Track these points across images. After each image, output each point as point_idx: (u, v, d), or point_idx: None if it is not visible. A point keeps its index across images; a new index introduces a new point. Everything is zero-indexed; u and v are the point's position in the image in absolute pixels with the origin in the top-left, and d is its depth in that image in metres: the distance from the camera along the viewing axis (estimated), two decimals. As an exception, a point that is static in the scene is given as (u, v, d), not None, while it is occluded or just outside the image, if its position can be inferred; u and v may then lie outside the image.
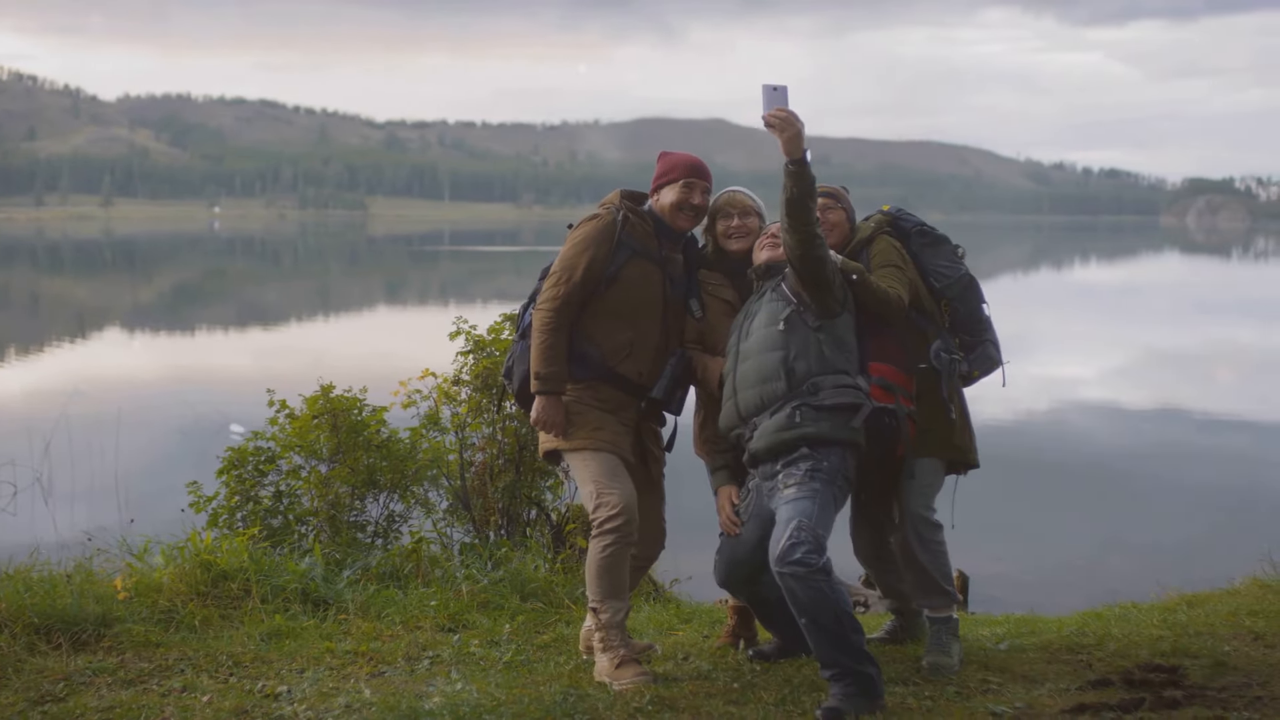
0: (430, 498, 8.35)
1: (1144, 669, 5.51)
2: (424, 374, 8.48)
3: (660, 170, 5.89)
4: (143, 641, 6.12)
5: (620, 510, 5.49)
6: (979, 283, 6.05)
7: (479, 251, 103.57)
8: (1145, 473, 16.03)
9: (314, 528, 7.97)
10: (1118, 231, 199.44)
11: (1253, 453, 17.75)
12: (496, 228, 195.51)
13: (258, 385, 9.65)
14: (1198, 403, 21.64)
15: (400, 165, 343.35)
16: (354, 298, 53.37)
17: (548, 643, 6.30)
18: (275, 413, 8.33)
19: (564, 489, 8.44)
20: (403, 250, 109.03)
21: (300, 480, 8.09)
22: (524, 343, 5.89)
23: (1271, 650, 5.89)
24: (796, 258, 5.36)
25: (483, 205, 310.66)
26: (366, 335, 35.09)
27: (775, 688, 5.40)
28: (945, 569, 5.89)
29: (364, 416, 8.13)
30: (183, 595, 6.67)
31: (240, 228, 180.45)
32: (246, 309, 45.57)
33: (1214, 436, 18.86)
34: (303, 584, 6.86)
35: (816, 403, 5.34)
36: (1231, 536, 12.28)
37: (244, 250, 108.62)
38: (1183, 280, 70.06)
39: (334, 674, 5.73)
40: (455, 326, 8.43)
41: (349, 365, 24.79)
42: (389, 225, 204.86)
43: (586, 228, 5.75)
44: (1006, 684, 5.46)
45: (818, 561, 5.03)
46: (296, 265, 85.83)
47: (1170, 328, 37.41)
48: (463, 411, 8.30)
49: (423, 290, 59.85)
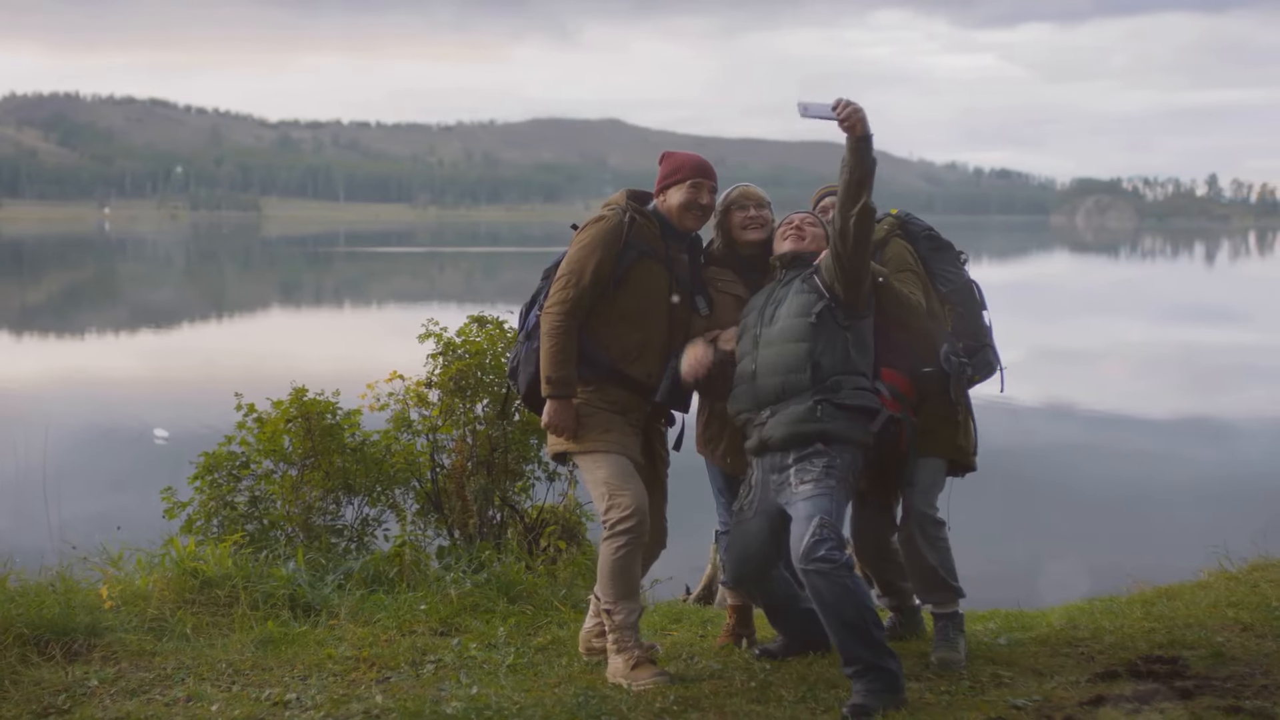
0: (399, 501, 8.27)
1: (1146, 660, 5.63)
2: (391, 376, 8.42)
3: (666, 171, 5.89)
4: (137, 650, 6.02)
5: (632, 511, 5.50)
6: (981, 288, 6.14)
7: (376, 253, 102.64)
8: (1044, 470, 16.27)
9: (288, 533, 7.87)
10: (1009, 231, 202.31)
11: (1150, 449, 18.15)
12: (392, 229, 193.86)
13: (165, 388, 9.52)
14: (1086, 400, 22.06)
15: (294, 166, 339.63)
16: (247, 299, 52.74)
17: (545, 645, 6.28)
18: (243, 416, 8.18)
19: (534, 491, 8.42)
20: (297, 251, 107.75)
21: (274, 485, 7.98)
22: (530, 344, 5.87)
23: (1263, 640, 6.03)
24: (848, 235, 5.38)
25: (378, 206, 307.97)
26: (259, 338, 34.73)
27: (792, 685, 5.44)
28: (949, 565, 5.97)
29: (338, 420, 8.04)
30: (170, 603, 6.57)
31: (131, 229, 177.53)
32: (140, 311, 44.79)
33: (1105, 433, 19.23)
34: (290, 590, 6.79)
35: (838, 400, 5.39)
36: (1140, 534, 12.61)
37: (135, 252, 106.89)
38: (1072, 278, 71.24)
39: (339, 680, 5.68)
40: (424, 328, 8.39)
41: (241, 367, 24.60)
42: (283, 226, 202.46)
43: (593, 230, 5.73)
44: (1018, 678, 5.55)
45: (841, 558, 5.09)
46: (190, 267, 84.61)
47: (1059, 325, 37.92)
48: (433, 414, 8.24)
49: (318, 291, 59.30)
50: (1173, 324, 39.34)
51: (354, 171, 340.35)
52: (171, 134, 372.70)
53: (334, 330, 37.65)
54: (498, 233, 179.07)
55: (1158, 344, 32.82)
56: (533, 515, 8.35)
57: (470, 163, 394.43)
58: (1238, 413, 21.55)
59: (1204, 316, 42.52)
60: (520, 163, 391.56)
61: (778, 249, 5.82)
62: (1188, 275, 78.66)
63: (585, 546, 8.49)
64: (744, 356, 5.65)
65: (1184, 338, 34.31)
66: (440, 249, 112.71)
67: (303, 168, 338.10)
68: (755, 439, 5.55)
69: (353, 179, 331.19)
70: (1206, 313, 44.80)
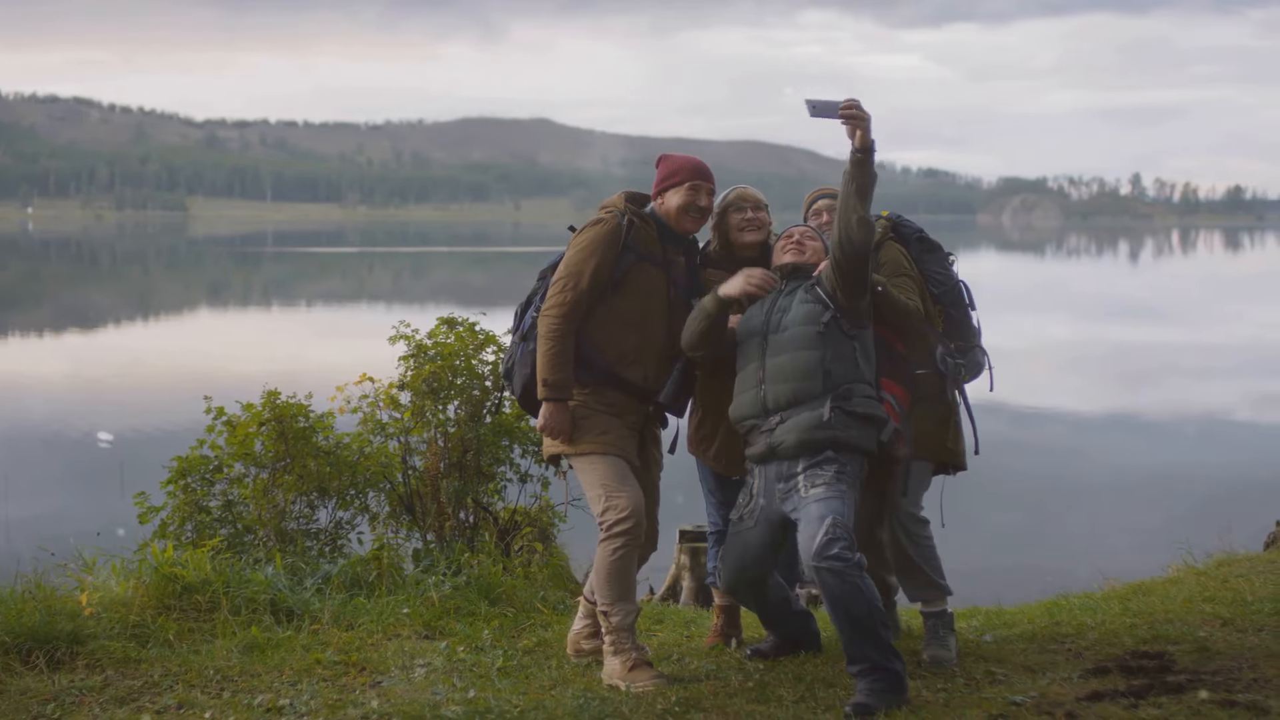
0: (371, 505, 8.23)
1: (1134, 656, 5.71)
2: (361, 379, 8.38)
3: (664, 173, 5.89)
4: (121, 658, 5.93)
5: (630, 513, 5.51)
6: (969, 288, 6.19)
7: (305, 253, 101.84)
8: (989, 468, 16.42)
9: (262, 537, 7.81)
10: (936, 230, 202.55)
11: (1081, 445, 18.37)
12: (321, 229, 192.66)
13: (100, 391, 9.44)
14: (1019, 398, 22.31)
15: (221, 165, 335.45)
16: (174, 300, 52.18)
17: (531, 647, 6.28)
18: (213, 420, 8.10)
19: (505, 493, 8.41)
20: (225, 252, 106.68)
21: (246, 489, 7.92)
22: (525, 345, 5.86)
23: (1244, 634, 6.14)
24: (848, 244, 5.43)
25: (307, 206, 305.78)
26: (190, 339, 34.41)
27: (790, 685, 5.47)
28: (935, 563, 6.03)
29: (311, 422, 7.98)
30: (151, 609, 6.49)
31: (55, 229, 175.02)
32: (66, 313, 44.16)
33: (1040, 430, 19.42)
34: (270, 595, 6.73)
35: (849, 408, 5.43)
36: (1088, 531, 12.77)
37: (59, 252, 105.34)
38: (998, 276, 71.85)
39: (329, 685, 5.63)
40: (395, 330, 8.37)
41: (167, 369, 24.40)
42: (210, 226, 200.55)
43: (591, 232, 5.72)
44: (1012, 675, 5.61)
45: (853, 557, 5.12)
46: (116, 267, 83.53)
47: (987, 323, 38.21)
48: (405, 416, 8.21)
49: (244, 291, 58.77)
50: (1099, 321, 39.78)
51: (282, 171, 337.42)
52: (96, 133, 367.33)
53: (266, 331, 37.34)
54: (427, 232, 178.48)
55: (1085, 341, 33.17)
56: (505, 517, 8.34)
57: (399, 162, 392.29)
58: (1168, 409, 21.84)
59: (1130, 314, 43.05)
60: (449, 162, 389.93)
61: (778, 260, 5.84)
62: (1112, 273, 79.54)
63: (553, 548, 8.51)
64: (749, 363, 5.66)
65: (1111, 335, 34.72)
66: (370, 249, 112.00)
67: (229, 167, 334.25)
68: (762, 445, 5.55)
69: (280, 178, 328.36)
70: (1133, 310, 45.37)
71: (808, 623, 6.10)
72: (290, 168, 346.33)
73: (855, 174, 5.38)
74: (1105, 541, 12.29)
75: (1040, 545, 12.44)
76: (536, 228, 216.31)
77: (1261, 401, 22.65)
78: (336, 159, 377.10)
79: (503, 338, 8.38)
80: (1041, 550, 12.19)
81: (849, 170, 5.40)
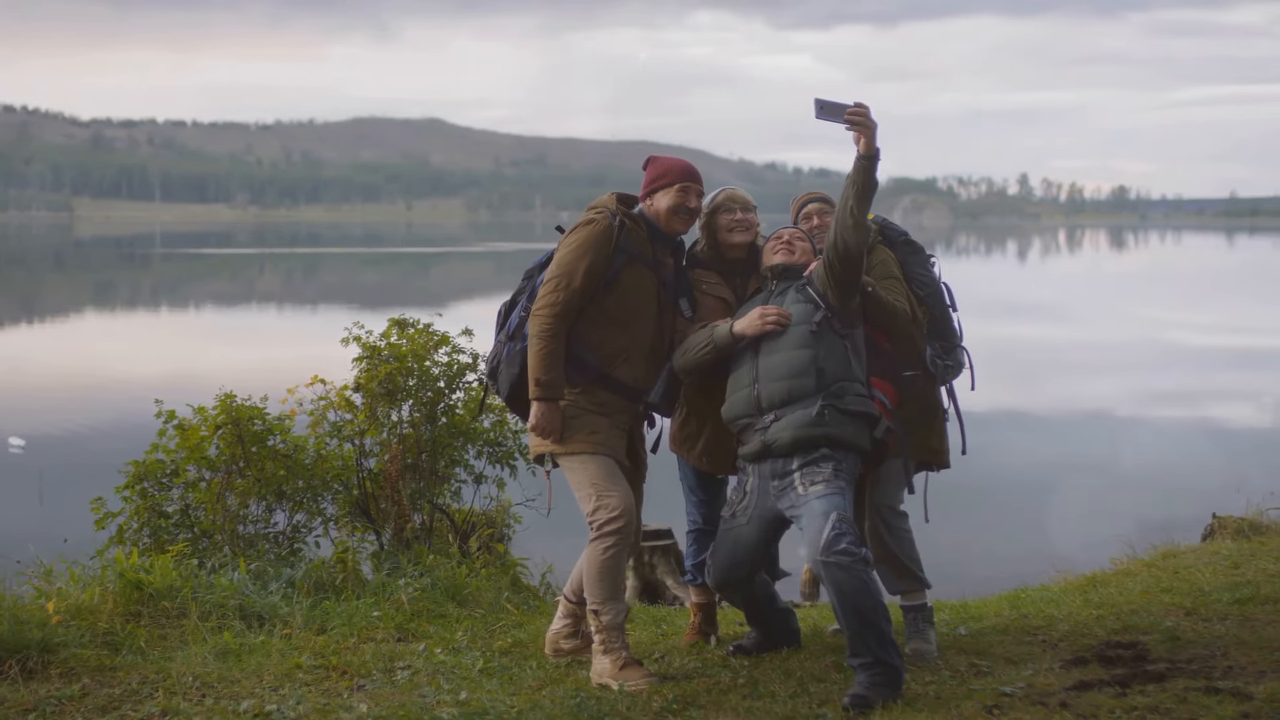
0: (325, 508, 8.16)
1: (1109, 646, 5.83)
2: (313, 380, 8.30)
3: (653, 175, 5.90)
4: (96, 666, 5.83)
5: (621, 512, 5.53)
6: (951, 290, 6.28)
7: (195, 254, 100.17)
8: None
9: (217, 542, 7.70)
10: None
11: (989, 442, 18.64)
12: (210, 229, 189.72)
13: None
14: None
15: (108, 165, 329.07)
16: (59, 302, 51.10)
17: (507, 648, 6.27)
18: (164, 423, 7.96)
19: (461, 494, 8.39)
20: (113, 253, 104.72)
21: (200, 494, 7.81)
22: (512, 344, 5.85)
23: (1209, 624, 6.28)
24: (843, 247, 5.51)
25: (196, 206, 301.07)
26: (77, 342, 33.81)
27: (780, 681, 5.52)
28: (914, 555, 6.13)
29: (269, 425, 7.90)
30: (119, 616, 6.39)
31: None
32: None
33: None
34: (239, 600, 6.66)
35: (843, 406, 5.50)
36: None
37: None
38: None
39: (312, 690, 5.58)
40: (347, 333, 8.31)
41: (61, 371, 23.97)
42: (96, 227, 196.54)
43: (583, 232, 5.71)
44: (995, 666, 5.70)
45: (860, 552, 5.19)
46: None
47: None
48: (359, 418, 8.15)
49: (132, 293, 57.77)
50: (991, 319, 40.32)
51: (170, 171, 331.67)
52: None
53: (156, 333, 36.74)
54: (319, 233, 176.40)
55: (981, 340, 33.53)
56: (461, 518, 8.32)
57: (290, 162, 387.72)
58: (1064, 406, 22.18)
59: (1020, 312, 43.63)
60: (340, 162, 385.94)
61: (768, 261, 5.90)
62: (1001, 272, 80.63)
63: (505, 550, 8.49)
64: (741, 363, 5.71)
65: (1001, 332, 35.18)
66: (261, 250, 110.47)
67: (117, 167, 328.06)
68: (756, 443, 5.60)
69: (169, 179, 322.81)
70: (1023, 308, 46.01)
71: (789, 619, 6.16)
72: (179, 168, 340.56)
73: (857, 179, 5.47)
74: (1029, 538, 12.44)
75: (972, 541, 12.59)
76: (430, 228, 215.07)
77: (1159, 399, 23.05)
78: (226, 159, 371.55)
79: (457, 339, 8.37)
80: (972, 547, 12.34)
81: (852, 175, 5.48)
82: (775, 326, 5.59)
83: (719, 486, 6.22)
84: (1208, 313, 42.46)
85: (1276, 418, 21.37)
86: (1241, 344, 31.83)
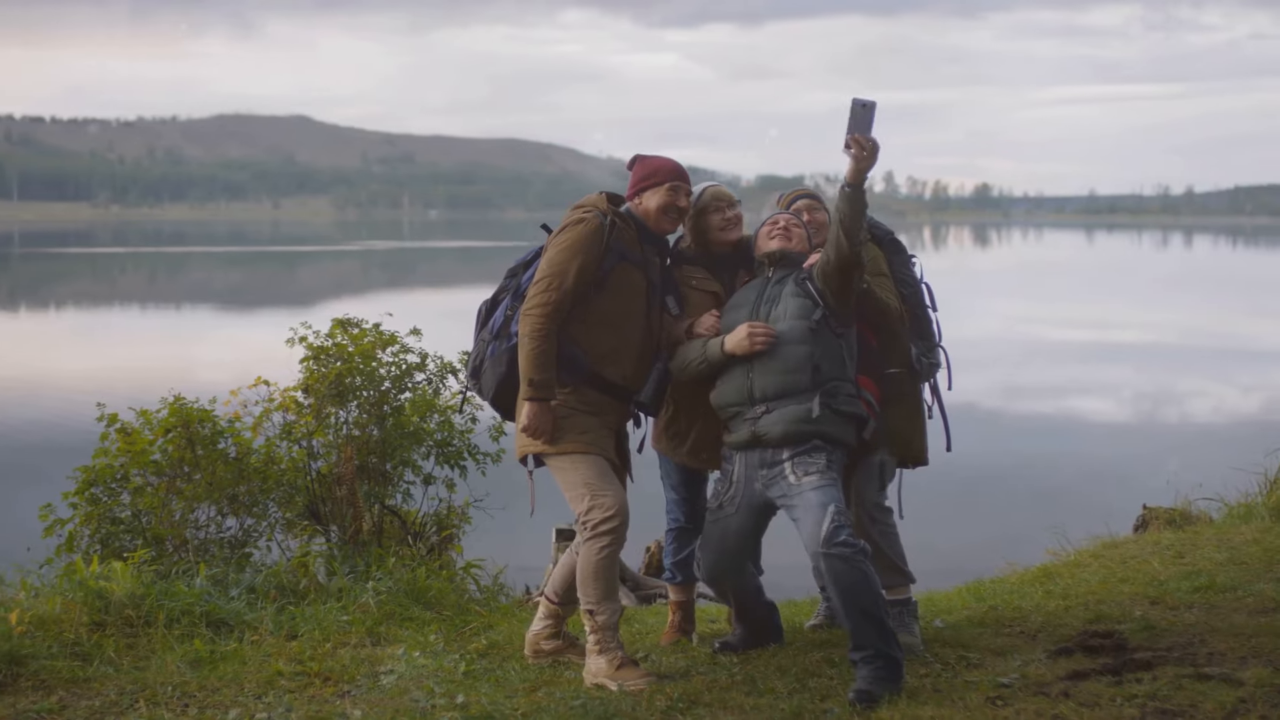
0: (274, 512, 8.01)
1: (1090, 636, 5.92)
2: (256, 382, 8.16)
3: (641, 174, 5.87)
4: (69, 678, 5.68)
5: (615, 512, 5.50)
6: (931, 289, 6.35)
7: (55, 254, 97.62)
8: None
9: (166, 549, 7.52)
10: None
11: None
12: (71, 228, 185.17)
13: None
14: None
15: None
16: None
17: (484, 650, 6.21)
18: (105, 427, 7.72)
19: (410, 495, 8.30)
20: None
21: (147, 499, 7.61)
22: (497, 343, 5.79)
23: (1177, 612, 6.42)
24: (837, 267, 5.56)
25: (56, 205, 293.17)
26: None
27: (777, 677, 5.53)
28: (899, 550, 6.17)
29: (221, 428, 7.73)
30: (84, 626, 6.21)
31: None
32: None
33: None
34: (204, 607, 6.52)
35: (835, 405, 5.54)
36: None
37: None
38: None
39: (297, 696, 5.50)
40: (292, 334, 8.17)
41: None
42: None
43: (574, 232, 5.66)
44: (984, 658, 5.76)
45: (859, 543, 5.25)
46: None
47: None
48: (307, 419, 8.02)
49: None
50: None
51: (28, 168, 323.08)
52: None
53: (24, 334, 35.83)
54: (183, 232, 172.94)
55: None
56: (411, 519, 8.23)
57: (153, 160, 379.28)
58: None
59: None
60: (205, 160, 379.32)
61: (765, 248, 5.91)
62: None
63: (458, 550, 8.40)
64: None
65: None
66: (124, 249, 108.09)
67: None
68: (745, 432, 5.60)
69: (27, 176, 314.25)
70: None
71: (773, 615, 6.17)
72: (37, 165, 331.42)
73: (841, 206, 5.53)
74: (967, 531, 12.60)
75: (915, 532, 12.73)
76: (297, 225, 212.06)
77: (1038, 392, 23.42)
78: (87, 156, 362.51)
79: (405, 339, 8.27)
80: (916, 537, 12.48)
81: (838, 203, 5.55)
82: (764, 346, 5.61)
83: (701, 484, 6.23)
84: (1072, 308, 43.45)
85: (1183, 411, 21.85)
86: (1100, 339, 32.70)
